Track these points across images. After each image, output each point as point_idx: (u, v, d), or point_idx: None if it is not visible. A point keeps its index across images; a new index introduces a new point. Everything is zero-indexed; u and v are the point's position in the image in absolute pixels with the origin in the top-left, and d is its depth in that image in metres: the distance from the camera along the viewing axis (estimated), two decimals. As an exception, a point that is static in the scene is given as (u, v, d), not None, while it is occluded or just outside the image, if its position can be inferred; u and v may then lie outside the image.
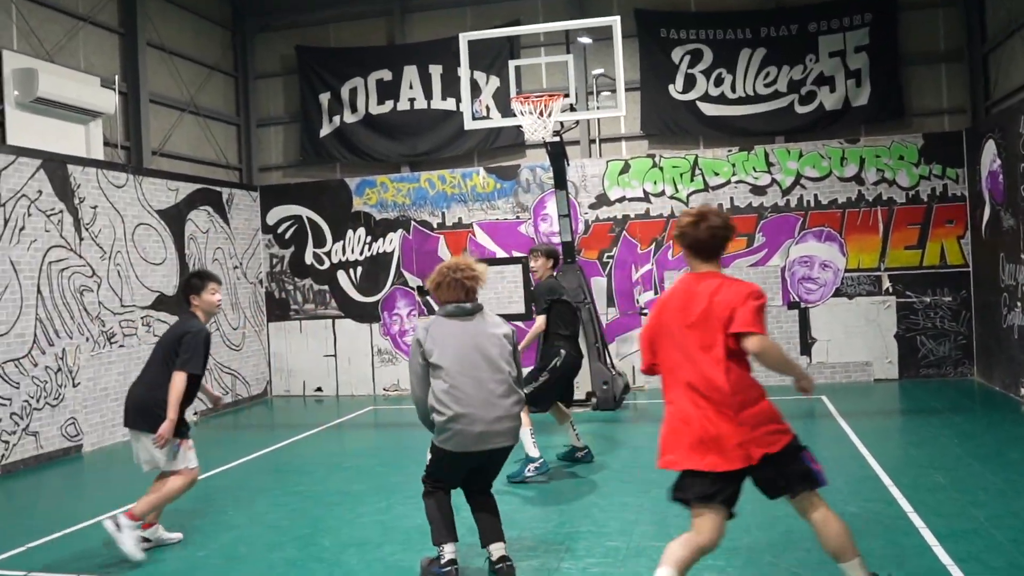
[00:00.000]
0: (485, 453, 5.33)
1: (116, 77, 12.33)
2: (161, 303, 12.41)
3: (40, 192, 10.44)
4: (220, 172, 14.74)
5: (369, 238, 14.61)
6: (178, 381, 6.24)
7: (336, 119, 14.89)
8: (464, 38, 11.03)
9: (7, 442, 9.75)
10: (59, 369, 10.56)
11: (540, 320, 8.39)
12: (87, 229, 11.16)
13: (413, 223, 14.42)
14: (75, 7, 11.83)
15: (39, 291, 10.33)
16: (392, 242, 14.52)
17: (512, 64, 11.77)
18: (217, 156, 14.71)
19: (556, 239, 13.49)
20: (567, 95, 11.02)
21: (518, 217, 14.05)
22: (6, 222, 9.92)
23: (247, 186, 14.93)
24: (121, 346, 11.60)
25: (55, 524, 7.40)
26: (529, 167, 14.04)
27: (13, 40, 10.80)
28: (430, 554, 5.60)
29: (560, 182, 11.62)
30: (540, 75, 13.72)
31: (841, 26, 13.28)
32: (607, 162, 13.72)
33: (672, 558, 4.22)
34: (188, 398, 6.39)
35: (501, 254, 14.01)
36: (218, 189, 13.96)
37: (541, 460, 8.08)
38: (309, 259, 14.86)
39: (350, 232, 14.68)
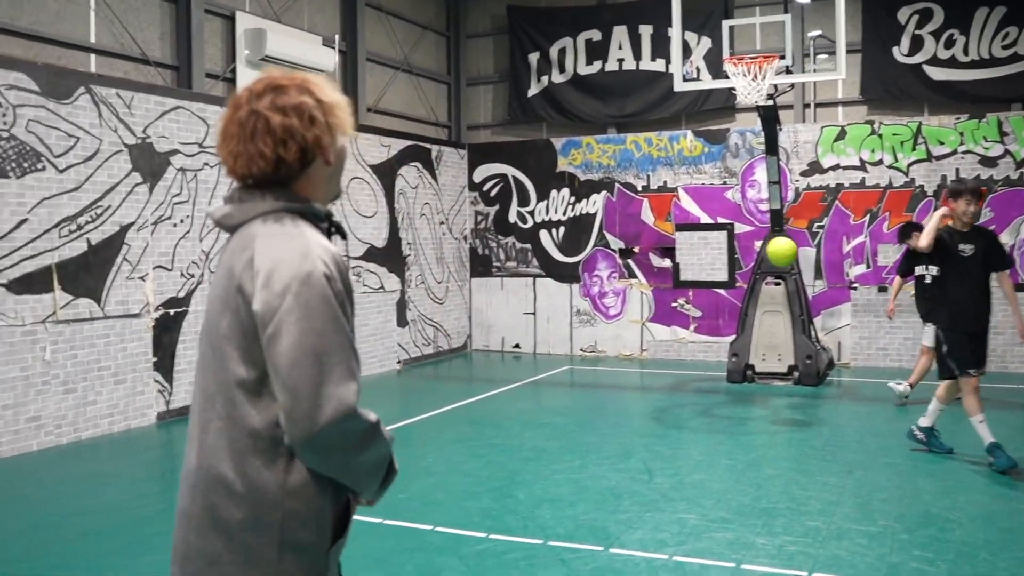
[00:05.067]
0: None
1: (336, 36, 12.79)
2: (371, 254, 12.92)
3: (266, 145, 11.01)
4: (430, 129, 15.10)
5: (573, 199, 14.63)
6: None
7: (544, 79, 14.92)
8: (677, -3, 10.76)
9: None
10: (277, 313, 11.17)
11: None
12: (307, 182, 11.69)
13: (617, 185, 14.32)
14: (302, -32, 12.34)
15: (262, 239, 10.94)
16: (595, 203, 14.48)
17: (725, 24, 11.39)
18: (427, 114, 15.08)
19: (764, 206, 13.09)
20: (782, 57, 10.57)
21: (725, 182, 13.68)
22: (235, 173, 10.54)
23: (455, 144, 15.23)
24: (333, 294, 12.14)
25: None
26: (739, 131, 13.62)
27: (245, 2, 11.39)
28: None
29: (771, 147, 11.21)
30: (754, 36, 13.28)
31: (1095, -18, 12.09)
32: (822, 128, 13.10)
33: None
34: None
35: (706, 219, 13.71)
36: (427, 146, 14.32)
37: None
38: (513, 217, 15.05)
39: (554, 192, 14.74)
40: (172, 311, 9.74)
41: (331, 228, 2.20)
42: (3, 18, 8.58)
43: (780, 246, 10.74)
